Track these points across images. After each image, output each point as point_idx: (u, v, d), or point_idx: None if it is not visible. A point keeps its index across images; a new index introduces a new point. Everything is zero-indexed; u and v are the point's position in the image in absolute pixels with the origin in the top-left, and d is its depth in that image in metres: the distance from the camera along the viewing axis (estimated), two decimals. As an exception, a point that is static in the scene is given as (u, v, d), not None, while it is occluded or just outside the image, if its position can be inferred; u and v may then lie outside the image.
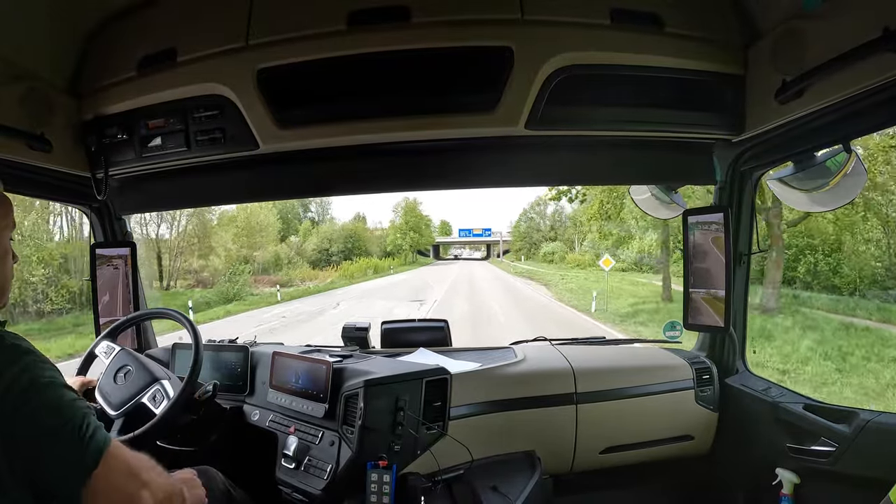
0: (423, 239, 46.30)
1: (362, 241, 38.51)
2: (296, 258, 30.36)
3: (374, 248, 40.74)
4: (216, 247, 22.89)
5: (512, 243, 46.91)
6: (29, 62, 1.38)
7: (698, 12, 1.39)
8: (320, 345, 2.10)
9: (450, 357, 1.93)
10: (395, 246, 42.57)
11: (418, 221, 45.94)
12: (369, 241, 40.94)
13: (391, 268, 34.57)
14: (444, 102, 1.39)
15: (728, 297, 1.74)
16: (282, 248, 29.61)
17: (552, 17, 1.33)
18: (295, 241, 32.99)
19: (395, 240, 43.04)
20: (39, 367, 0.79)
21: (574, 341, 2.22)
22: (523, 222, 45.98)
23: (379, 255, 39.14)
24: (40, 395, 0.77)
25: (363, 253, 37.11)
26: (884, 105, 1.14)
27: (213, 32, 1.39)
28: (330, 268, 30.88)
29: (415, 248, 45.31)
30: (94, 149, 1.58)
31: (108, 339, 1.61)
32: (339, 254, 34.60)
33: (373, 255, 37.87)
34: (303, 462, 1.48)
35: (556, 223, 42.56)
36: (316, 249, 33.86)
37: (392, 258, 40.61)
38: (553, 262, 34.91)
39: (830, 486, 1.47)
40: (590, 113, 1.44)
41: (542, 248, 40.14)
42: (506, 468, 1.66)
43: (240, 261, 22.42)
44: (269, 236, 27.70)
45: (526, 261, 40.83)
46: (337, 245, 35.29)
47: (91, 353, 1.59)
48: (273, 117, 1.41)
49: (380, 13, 1.32)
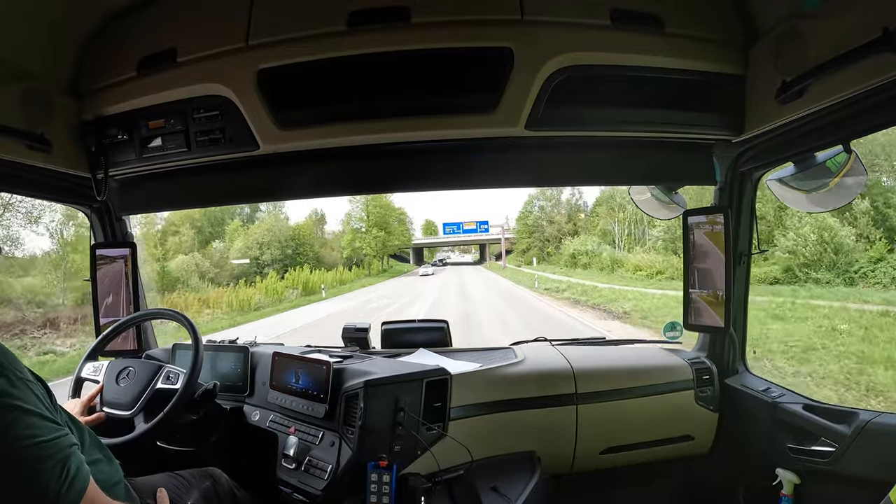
0: (394, 239, 34.98)
1: (307, 246, 29.40)
2: (213, 271, 23.03)
3: (329, 254, 31.70)
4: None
5: (516, 241, 36.21)
6: (29, 62, 1.38)
7: (698, 12, 1.39)
8: (320, 345, 2.10)
9: (450, 357, 1.93)
10: (353, 250, 32.28)
11: (386, 215, 34.17)
12: (324, 246, 32.03)
13: (323, 288, 23.85)
14: (443, 103, 1.39)
15: (728, 297, 1.74)
16: (192, 258, 22.51)
17: (552, 17, 1.33)
18: (219, 248, 25.76)
19: (352, 242, 32.49)
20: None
21: (574, 341, 2.22)
22: (531, 212, 35.12)
23: (340, 265, 30.28)
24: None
25: (310, 261, 28.32)
26: (884, 105, 1.14)
27: (213, 33, 1.39)
28: (240, 285, 21.97)
29: (383, 252, 34.43)
30: (94, 149, 1.58)
31: (90, 361, 1.61)
32: (274, 263, 26.28)
33: (326, 265, 29.15)
34: (303, 462, 1.47)
35: (574, 210, 32.61)
36: (241, 258, 25.90)
37: (360, 267, 31.54)
38: (587, 266, 24.64)
39: (830, 486, 1.47)
40: (590, 113, 1.44)
41: (566, 246, 28.62)
42: (506, 468, 1.66)
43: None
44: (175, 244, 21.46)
45: (541, 264, 30.20)
46: (272, 251, 26.68)
47: (79, 378, 1.58)
48: (273, 118, 1.41)
49: (380, 14, 1.32)
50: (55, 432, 0.79)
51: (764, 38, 1.35)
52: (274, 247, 26.84)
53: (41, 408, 0.79)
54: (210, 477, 1.40)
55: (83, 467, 0.80)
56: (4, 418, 0.75)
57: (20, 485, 0.74)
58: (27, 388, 0.79)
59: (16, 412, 0.76)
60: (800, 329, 9.60)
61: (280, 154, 1.52)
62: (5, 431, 0.74)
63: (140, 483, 1.19)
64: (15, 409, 0.76)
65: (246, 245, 26.22)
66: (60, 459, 0.77)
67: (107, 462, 1.03)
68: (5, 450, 0.74)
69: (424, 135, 1.45)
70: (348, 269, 31.20)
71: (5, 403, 0.75)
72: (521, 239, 35.55)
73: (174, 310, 1.67)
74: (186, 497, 1.28)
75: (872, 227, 13.97)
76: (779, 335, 9.19)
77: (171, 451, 1.61)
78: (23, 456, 0.75)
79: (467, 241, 42.64)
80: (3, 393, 0.76)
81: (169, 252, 23.45)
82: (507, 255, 36.72)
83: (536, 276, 23.83)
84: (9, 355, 0.80)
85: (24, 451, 0.75)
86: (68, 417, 0.93)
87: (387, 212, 34.07)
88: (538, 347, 2.12)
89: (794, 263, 14.27)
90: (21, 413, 0.76)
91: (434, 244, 43.43)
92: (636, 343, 2.31)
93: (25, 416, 0.76)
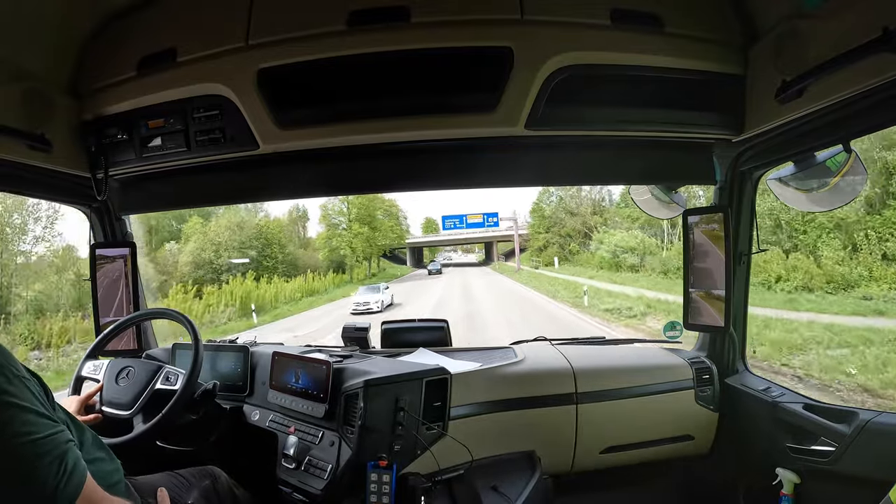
0: (381, 237, 28.83)
1: (275, 247, 24.02)
2: (159, 279, 19.15)
3: (311, 256, 26.21)
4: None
5: (530, 237, 29.81)
6: (29, 62, 1.38)
7: (698, 12, 1.39)
8: (320, 345, 2.10)
9: (450, 357, 1.93)
10: (331, 251, 26.50)
11: (370, 207, 28.23)
12: (306, 247, 27.04)
13: (254, 310, 17.62)
14: (443, 102, 1.39)
15: (728, 297, 1.74)
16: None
17: (552, 17, 1.33)
18: (173, 250, 21.49)
19: (329, 241, 26.74)
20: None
21: (574, 341, 2.22)
22: (546, 204, 28.98)
23: (324, 270, 25.12)
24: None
25: (281, 265, 23.43)
26: (883, 105, 1.14)
27: (213, 32, 1.39)
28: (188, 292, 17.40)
29: (369, 253, 28.20)
30: (94, 149, 1.58)
31: (90, 360, 1.61)
32: (234, 269, 21.28)
33: (302, 269, 24.08)
34: (303, 462, 1.47)
35: (600, 202, 26.54)
36: (192, 263, 20.75)
37: (344, 273, 25.98)
38: (637, 269, 18.65)
39: (830, 485, 1.47)
40: (590, 113, 1.44)
41: (602, 241, 21.71)
42: (506, 468, 1.66)
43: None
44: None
45: (562, 265, 24.84)
46: (229, 253, 21.74)
47: (79, 376, 1.58)
48: (273, 117, 1.41)
49: (380, 13, 1.32)
50: (51, 429, 0.80)
51: (764, 38, 1.35)
52: (232, 248, 21.51)
53: (37, 405, 0.80)
54: (210, 476, 1.40)
55: (80, 463, 0.81)
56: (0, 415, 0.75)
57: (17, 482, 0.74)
58: (23, 385, 0.79)
59: (12, 409, 0.76)
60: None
61: (279, 154, 1.52)
62: (1, 428, 0.74)
63: (140, 482, 1.19)
64: (11, 406, 0.76)
65: (199, 246, 21.25)
66: (57, 456, 0.77)
67: (108, 461, 1.03)
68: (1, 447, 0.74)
69: (424, 134, 1.45)
70: (333, 273, 25.96)
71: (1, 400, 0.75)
72: (535, 234, 28.31)
73: (174, 310, 1.67)
74: (186, 496, 1.28)
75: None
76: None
77: (170, 451, 1.61)
78: (19, 453, 0.75)
79: (472, 238, 34.26)
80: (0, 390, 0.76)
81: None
82: (520, 253, 30.28)
83: (584, 288, 15.81)
84: (5, 352, 0.80)
85: (21, 448, 0.75)
86: (68, 416, 0.93)
87: (372, 203, 28.40)
88: (538, 347, 2.12)
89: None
90: (17, 410, 0.76)
91: (433, 243, 36.94)
92: (636, 342, 2.31)
93: (21, 413, 0.77)
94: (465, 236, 32.22)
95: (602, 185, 16.07)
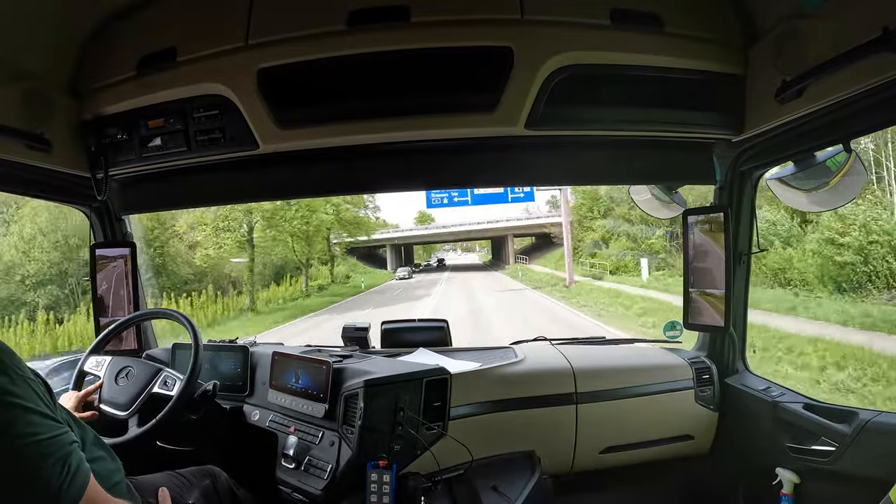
0: (316, 233, 18.89)
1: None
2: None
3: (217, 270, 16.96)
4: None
5: (576, 226, 19.21)
6: (29, 62, 1.38)
7: (698, 12, 1.39)
8: (320, 345, 2.10)
9: (450, 357, 1.93)
10: (209, 264, 16.86)
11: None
12: (193, 247, 17.13)
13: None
14: (443, 102, 1.39)
15: (728, 296, 1.74)
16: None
17: (552, 16, 1.33)
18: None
19: (216, 237, 16.87)
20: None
21: (574, 341, 2.22)
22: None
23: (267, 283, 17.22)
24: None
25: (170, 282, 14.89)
26: (883, 104, 1.14)
27: (213, 32, 1.39)
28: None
29: (305, 257, 19.21)
30: (93, 149, 1.58)
31: (94, 355, 1.61)
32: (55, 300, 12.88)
33: (222, 289, 16.68)
34: (303, 462, 1.48)
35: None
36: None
37: (285, 282, 17.55)
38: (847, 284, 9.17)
39: (830, 485, 1.47)
40: (590, 113, 1.44)
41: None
42: (506, 468, 1.66)
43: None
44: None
45: (652, 274, 14.25)
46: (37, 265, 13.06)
47: (81, 371, 1.59)
48: (273, 117, 1.41)
49: (380, 13, 1.31)
50: (55, 430, 0.79)
51: (764, 38, 1.35)
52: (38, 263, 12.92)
53: (41, 405, 0.79)
54: (210, 475, 1.40)
55: (84, 464, 0.80)
56: (4, 416, 0.75)
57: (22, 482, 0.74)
58: (27, 386, 0.79)
59: (16, 410, 0.76)
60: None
61: (279, 153, 1.52)
62: (5, 429, 0.74)
63: (141, 482, 1.19)
64: (15, 407, 0.76)
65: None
66: (61, 457, 0.77)
67: (109, 460, 1.03)
68: (6, 448, 0.74)
69: (424, 134, 1.45)
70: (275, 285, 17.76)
71: (5, 401, 0.75)
72: (586, 219, 18.32)
73: (174, 310, 1.67)
74: (187, 496, 1.28)
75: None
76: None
77: (171, 451, 1.61)
78: (23, 454, 0.75)
79: (482, 233, 23.06)
80: (4, 391, 0.76)
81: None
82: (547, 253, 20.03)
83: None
84: (9, 353, 0.80)
85: (25, 449, 0.75)
86: (69, 416, 0.93)
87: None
88: (538, 347, 2.12)
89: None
90: (21, 411, 0.76)
91: (423, 238, 25.21)
92: (636, 342, 2.30)
93: (25, 414, 0.76)
94: (466, 228, 24.26)
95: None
